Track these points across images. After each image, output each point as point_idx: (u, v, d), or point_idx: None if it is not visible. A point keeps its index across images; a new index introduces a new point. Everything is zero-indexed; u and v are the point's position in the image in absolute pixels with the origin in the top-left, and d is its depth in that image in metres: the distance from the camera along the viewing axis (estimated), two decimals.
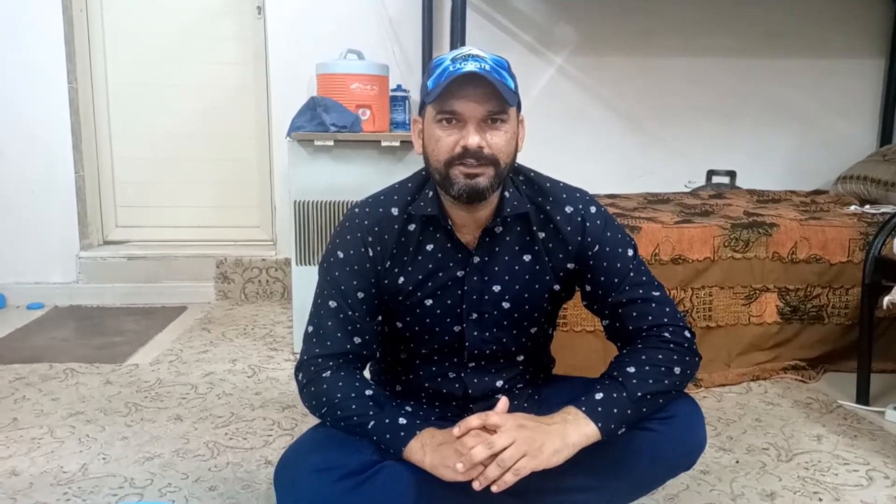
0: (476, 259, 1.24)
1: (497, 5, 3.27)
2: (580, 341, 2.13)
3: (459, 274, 1.24)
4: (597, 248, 1.25)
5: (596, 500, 1.21)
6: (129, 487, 1.63)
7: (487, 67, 1.12)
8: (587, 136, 3.42)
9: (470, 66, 1.11)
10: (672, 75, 3.41)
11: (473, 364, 1.31)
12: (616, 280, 1.24)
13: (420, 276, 1.24)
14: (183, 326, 2.89)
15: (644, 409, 1.14)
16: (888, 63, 3.44)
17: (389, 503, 1.10)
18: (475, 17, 3.18)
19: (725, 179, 3.38)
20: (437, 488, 1.09)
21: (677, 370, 1.17)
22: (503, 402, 1.13)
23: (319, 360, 1.21)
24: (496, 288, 1.26)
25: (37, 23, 3.06)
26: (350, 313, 1.22)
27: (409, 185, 1.27)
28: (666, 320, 1.22)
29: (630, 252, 1.27)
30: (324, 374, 1.20)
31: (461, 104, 1.12)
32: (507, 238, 1.25)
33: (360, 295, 1.23)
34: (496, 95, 1.11)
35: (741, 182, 3.38)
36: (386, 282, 1.25)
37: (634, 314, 1.23)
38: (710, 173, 3.40)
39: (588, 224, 1.25)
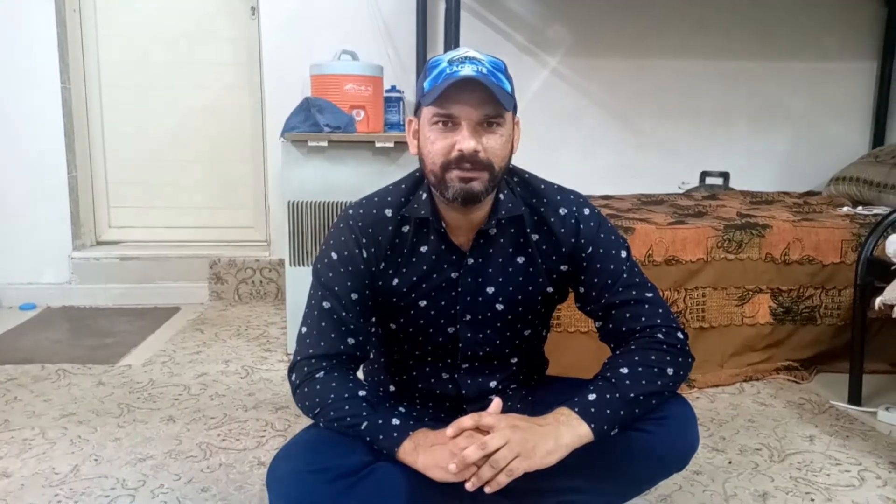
0: (470, 261, 1.24)
1: (491, 6, 3.27)
2: (573, 342, 2.14)
3: (453, 276, 1.25)
4: (590, 249, 1.25)
5: (589, 501, 1.21)
6: (121, 489, 1.62)
7: (485, 70, 1.12)
8: (581, 138, 3.42)
9: (467, 70, 1.11)
10: (666, 77, 3.41)
11: (467, 365, 1.31)
12: (609, 282, 1.25)
13: (414, 278, 1.24)
14: (176, 327, 2.88)
15: (637, 410, 1.14)
16: (880, 65, 3.46)
17: None
18: (469, 19, 3.18)
19: (719, 181, 3.39)
20: (430, 489, 1.09)
21: (670, 371, 1.18)
22: (496, 402, 1.13)
23: (313, 360, 1.21)
24: (490, 290, 1.26)
25: (29, 23, 3.05)
26: (344, 314, 1.22)
27: (403, 186, 1.27)
28: (659, 321, 1.22)
29: (623, 254, 1.27)
30: (317, 375, 1.19)
31: (457, 107, 1.12)
32: (501, 240, 1.25)
33: (354, 296, 1.23)
34: (493, 99, 1.11)
35: (734, 183, 3.38)
36: (380, 283, 1.25)
37: (627, 315, 1.23)
38: (704, 174, 3.41)
39: (582, 226, 1.26)
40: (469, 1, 3.18)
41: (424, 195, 1.23)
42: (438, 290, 1.25)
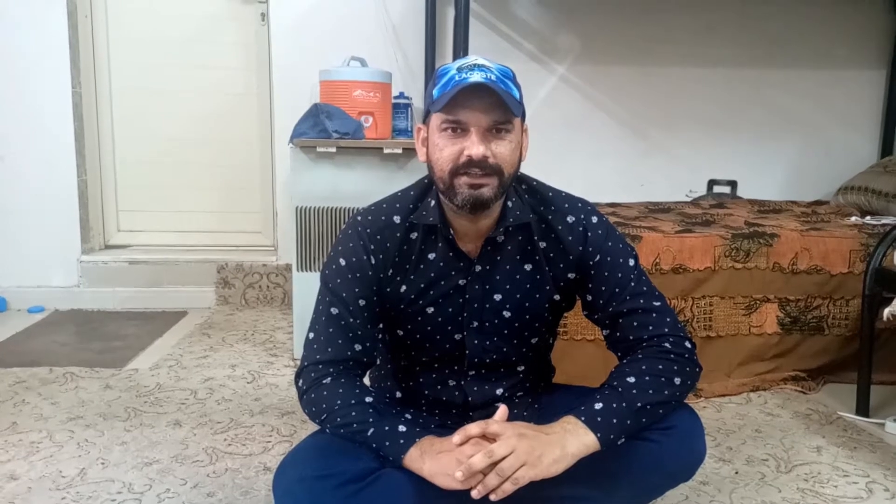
0: (478, 268, 1.25)
1: (500, 13, 3.28)
2: (580, 350, 2.13)
3: (461, 282, 1.25)
4: (598, 257, 1.26)
5: None
6: (127, 493, 1.62)
7: (493, 77, 1.13)
8: (589, 145, 3.42)
9: (476, 76, 1.11)
10: (674, 84, 3.41)
11: (474, 372, 1.31)
12: (617, 290, 1.24)
13: (422, 285, 1.25)
14: (183, 331, 2.89)
15: (644, 420, 1.14)
16: (889, 74, 3.45)
17: None
18: (477, 26, 3.19)
19: (726, 189, 3.39)
20: (436, 496, 1.09)
21: (677, 381, 1.17)
22: (502, 410, 1.14)
23: (320, 366, 1.21)
24: (497, 297, 1.26)
25: (41, 28, 3.07)
26: (351, 320, 1.22)
27: (412, 193, 1.28)
28: (666, 330, 1.22)
29: (631, 262, 1.27)
30: (324, 381, 1.19)
31: (466, 114, 1.12)
32: (509, 247, 1.26)
33: (362, 302, 1.23)
34: (501, 105, 1.12)
35: (742, 192, 3.38)
36: (387, 290, 1.25)
37: (635, 324, 1.23)
38: (712, 183, 3.41)
39: (590, 234, 1.26)
40: (478, 8, 3.20)
41: (433, 202, 1.23)
42: (446, 297, 1.26)
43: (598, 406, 1.13)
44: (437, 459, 1.09)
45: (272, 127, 3.30)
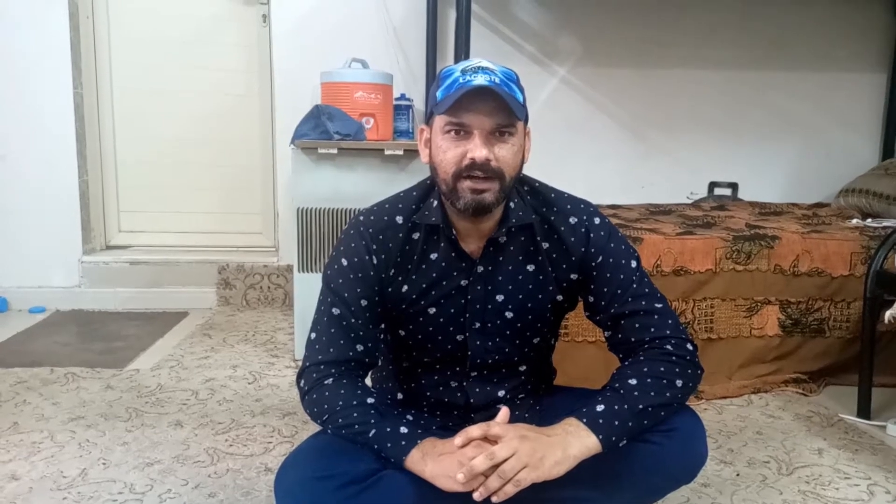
0: (480, 269, 1.25)
1: (501, 16, 3.28)
2: (582, 352, 2.13)
3: (463, 283, 1.25)
4: (600, 259, 1.26)
5: None
6: (128, 493, 1.62)
7: (497, 80, 1.13)
8: (590, 147, 3.43)
9: (480, 79, 1.11)
10: (675, 86, 3.42)
11: (475, 373, 1.31)
12: (619, 291, 1.25)
13: (424, 285, 1.25)
14: (184, 332, 2.89)
15: (645, 422, 1.14)
16: (890, 76, 3.45)
17: None
18: (479, 28, 3.20)
19: (727, 191, 3.39)
20: (438, 498, 1.09)
21: (679, 383, 1.17)
22: (504, 412, 1.13)
23: (321, 367, 1.21)
24: (499, 298, 1.26)
25: (43, 28, 3.08)
26: (353, 321, 1.22)
27: (414, 193, 1.28)
28: (668, 332, 1.22)
29: (633, 263, 1.27)
30: (325, 382, 1.20)
31: (470, 116, 1.13)
32: (511, 248, 1.26)
33: (363, 303, 1.23)
34: (505, 109, 1.12)
35: (743, 194, 3.38)
36: (389, 290, 1.25)
37: (637, 326, 1.23)
38: (712, 185, 3.41)
39: (592, 235, 1.26)
40: (479, 10, 3.20)
41: (435, 202, 1.23)
42: (448, 298, 1.26)
43: (600, 408, 1.13)
44: (438, 461, 1.09)
45: (273, 128, 3.30)
